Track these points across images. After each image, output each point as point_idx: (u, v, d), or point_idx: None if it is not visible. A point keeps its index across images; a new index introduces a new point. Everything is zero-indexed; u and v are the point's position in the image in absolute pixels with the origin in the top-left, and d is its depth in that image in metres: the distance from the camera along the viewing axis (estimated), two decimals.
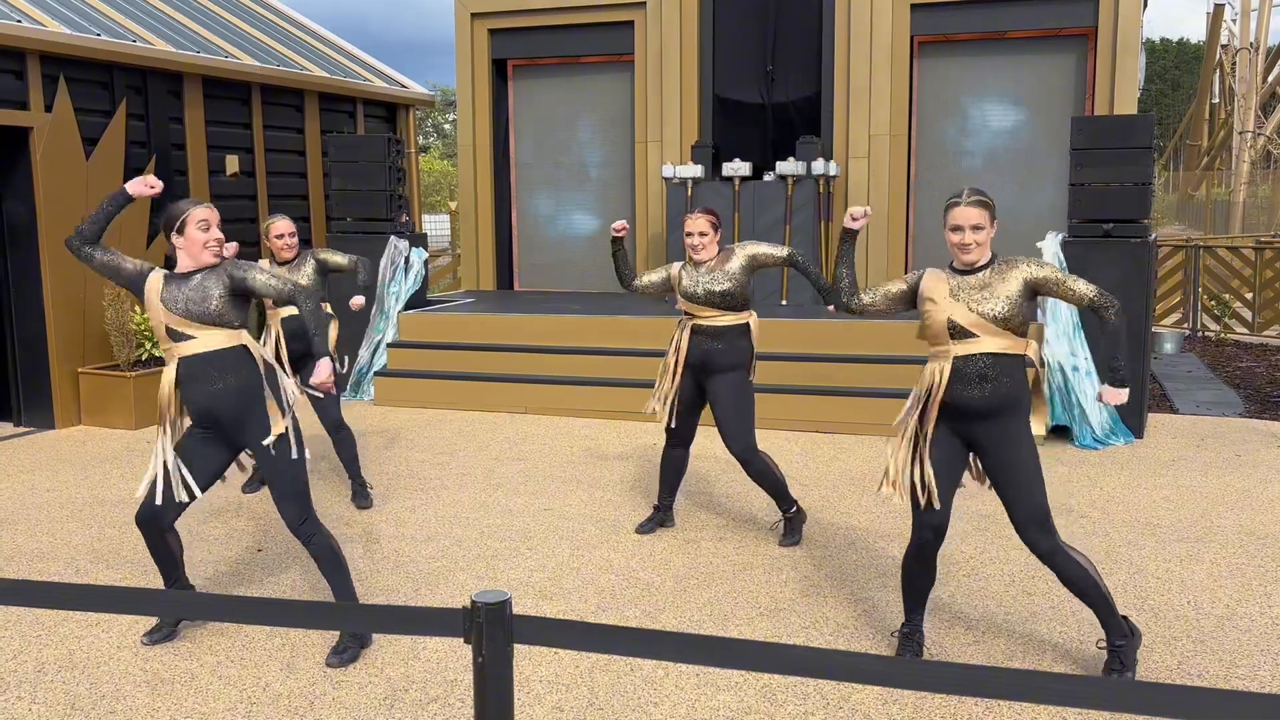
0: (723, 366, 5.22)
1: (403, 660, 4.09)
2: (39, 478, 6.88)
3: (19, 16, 8.00)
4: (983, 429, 3.79)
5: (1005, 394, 3.73)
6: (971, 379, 3.73)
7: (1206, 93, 38.94)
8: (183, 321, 3.99)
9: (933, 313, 3.79)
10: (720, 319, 5.21)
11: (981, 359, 3.72)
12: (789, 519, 5.43)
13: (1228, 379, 9.84)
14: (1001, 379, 3.72)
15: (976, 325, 3.71)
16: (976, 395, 3.73)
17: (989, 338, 3.71)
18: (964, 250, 3.74)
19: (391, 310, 9.50)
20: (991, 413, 3.75)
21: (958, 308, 3.73)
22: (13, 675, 4.01)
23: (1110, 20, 9.49)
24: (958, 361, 3.74)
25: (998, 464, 3.78)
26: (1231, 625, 4.36)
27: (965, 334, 3.73)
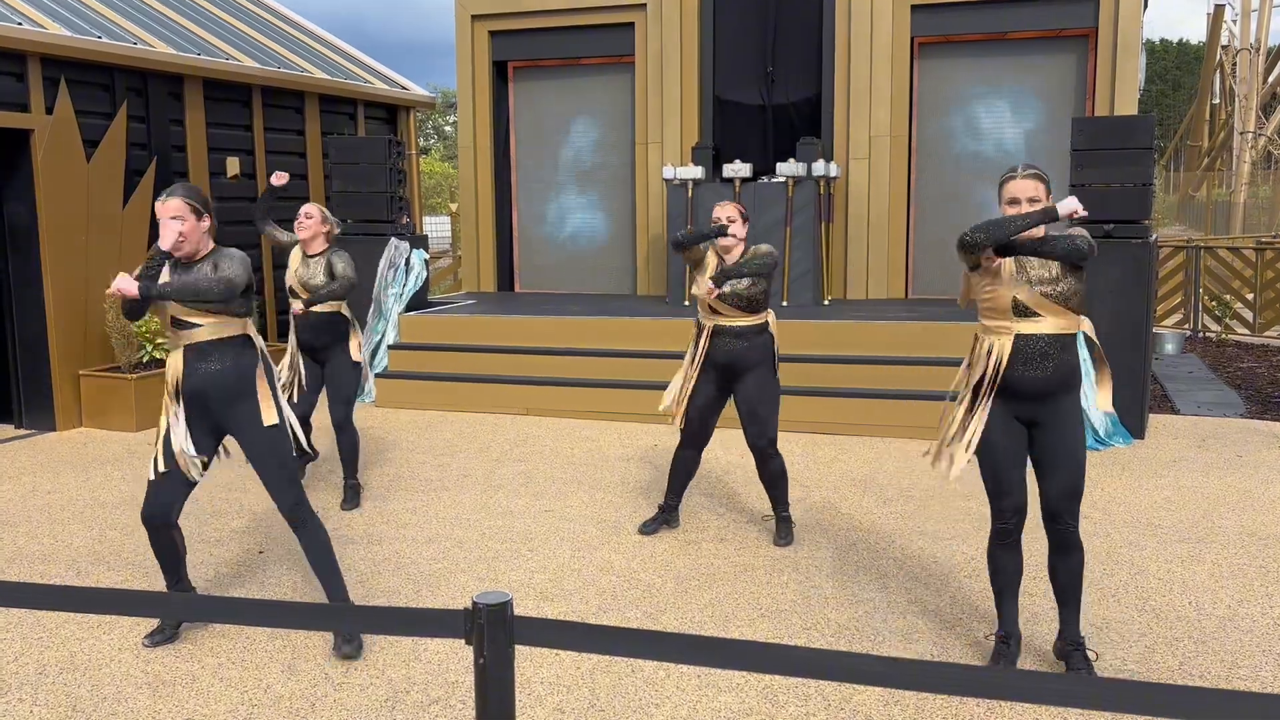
0: (750, 364, 5.30)
1: (404, 662, 4.09)
2: (40, 480, 6.89)
3: (20, 19, 8.00)
4: (1039, 409, 3.80)
5: (1064, 374, 3.75)
6: (1033, 358, 3.73)
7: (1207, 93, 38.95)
8: (187, 310, 4.05)
9: (997, 289, 3.77)
10: (742, 320, 5.28)
11: (1042, 339, 3.72)
12: (784, 519, 5.49)
13: (1229, 380, 9.83)
14: (1061, 357, 3.74)
15: (1039, 304, 3.71)
16: (1037, 374, 3.74)
17: (1051, 317, 3.72)
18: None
19: (392, 312, 9.51)
20: (1050, 392, 3.77)
21: (1021, 287, 3.73)
22: (14, 677, 4.01)
23: (1110, 21, 9.49)
24: (1020, 340, 3.74)
25: (1049, 443, 3.80)
26: (1233, 626, 4.35)
27: (1029, 313, 3.73)
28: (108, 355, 8.58)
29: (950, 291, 10.38)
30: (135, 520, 5.96)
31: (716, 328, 5.32)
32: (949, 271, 10.39)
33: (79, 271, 8.41)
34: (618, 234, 11.44)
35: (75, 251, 8.37)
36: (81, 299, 8.44)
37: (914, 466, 6.97)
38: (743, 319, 5.28)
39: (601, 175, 11.49)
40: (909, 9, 10.05)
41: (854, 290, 10.39)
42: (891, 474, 6.78)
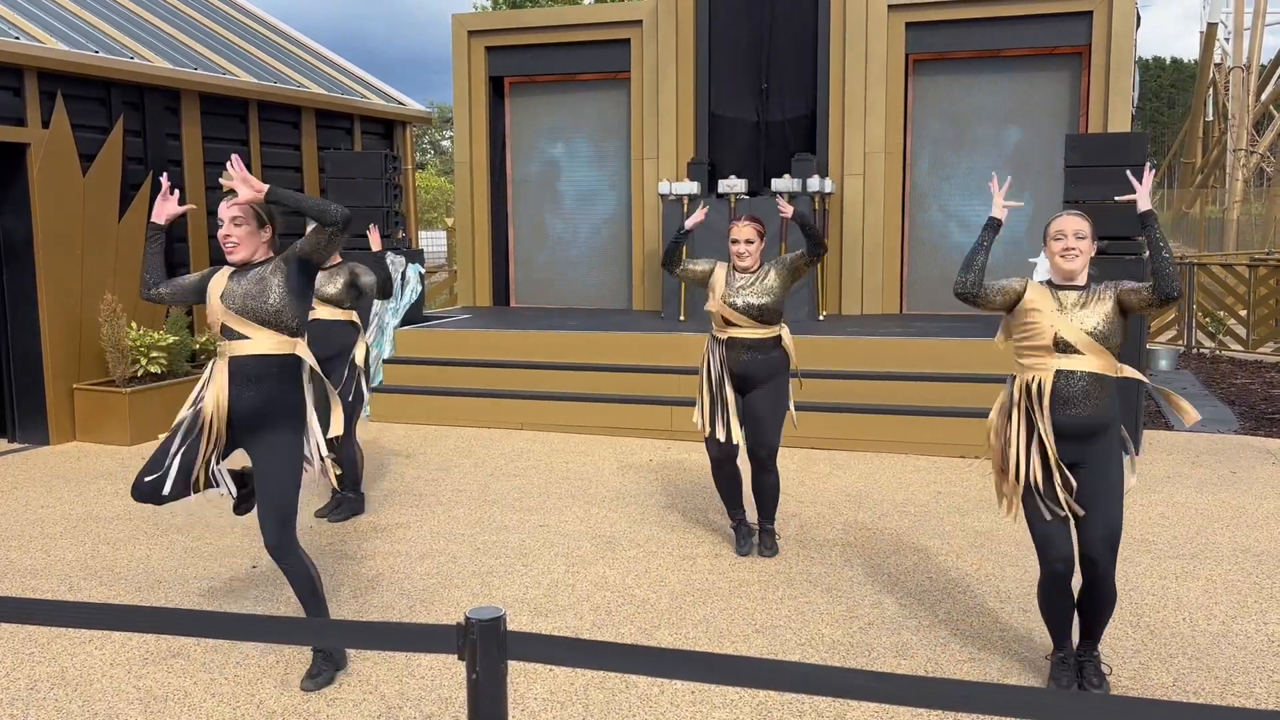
0: (763, 377, 5.33)
1: (397, 677, 4.07)
2: (33, 494, 6.86)
3: (17, 33, 8.02)
4: (1080, 449, 3.77)
5: (1103, 415, 3.73)
6: (1074, 398, 3.71)
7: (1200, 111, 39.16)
8: (238, 319, 3.85)
9: (1039, 324, 3.75)
10: (757, 331, 5.30)
11: (1083, 377, 3.70)
12: (769, 531, 5.53)
13: (1222, 396, 9.85)
14: (1101, 398, 3.72)
15: (1081, 342, 3.70)
16: (1077, 413, 3.71)
17: (1092, 356, 3.70)
18: (1067, 257, 3.73)
19: (388, 326, 9.50)
20: (1088, 434, 3.75)
21: (1064, 323, 3.72)
22: (5, 693, 3.99)
23: (1104, 39, 9.55)
24: (1059, 378, 3.71)
25: (1089, 484, 3.76)
26: (1227, 642, 4.35)
27: (1069, 349, 3.71)
28: (102, 369, 8.57)
29: (945, 307, 10.41)
30: (129, 534, 5.94)
31: (731, 339, 5.33)
32: (944, 287, 10.41)
33: (74, 285, 8.40)
34: (613, 249, 11.46)
35: (71, 265, 8.37)
36: (76, 313, 8.44)
37: (909, 482, 6.97)
38: (758, 330, 5.29)
39: (597, 190, 11.51)
40: (904, 26, 10.11)
41: (849, 305, 10.41)
42: (886, 489, 6.78)
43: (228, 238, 3.88)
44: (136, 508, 6.48)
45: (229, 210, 3.88)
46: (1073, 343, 3.70)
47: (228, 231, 3.87)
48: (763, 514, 5.54)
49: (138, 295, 8.91)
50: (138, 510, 6.42)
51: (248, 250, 3.91)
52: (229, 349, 3.88)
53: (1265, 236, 31.15)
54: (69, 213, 8.33)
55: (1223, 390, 10.15)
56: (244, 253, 3.90)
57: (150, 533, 5.96)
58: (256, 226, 3.92)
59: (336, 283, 6.15)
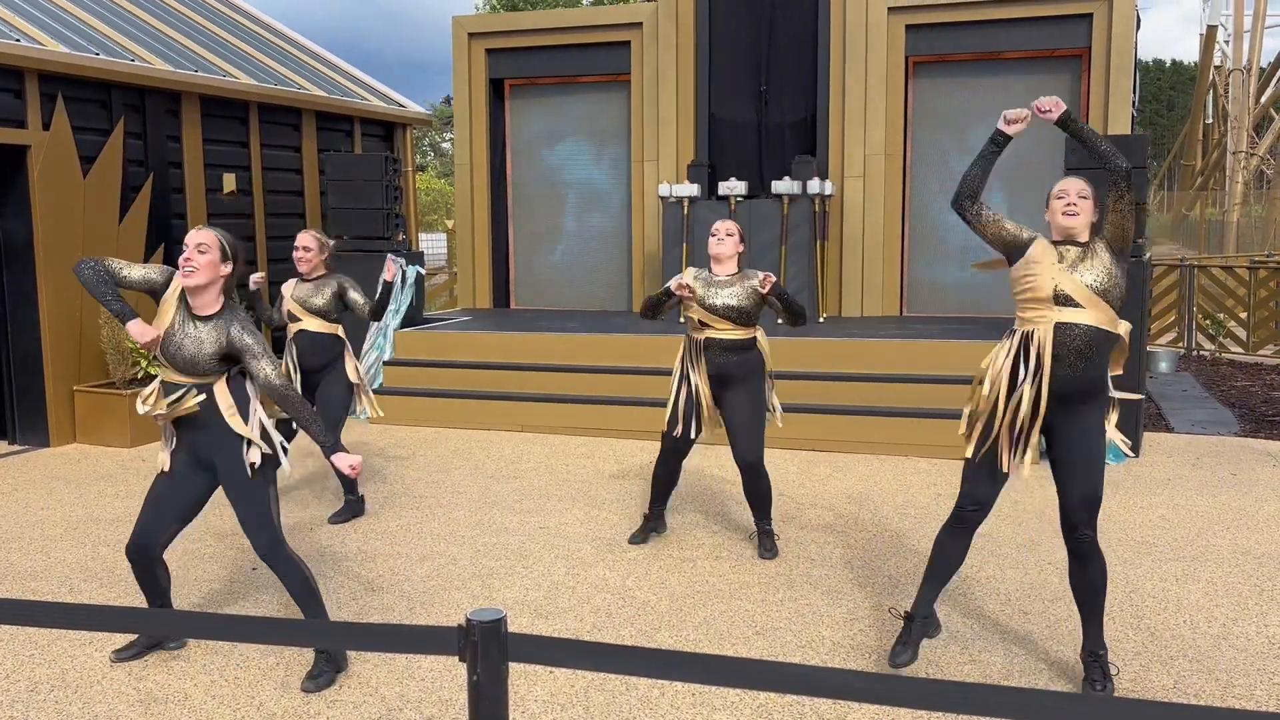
0: (738, 378, 5.36)
1: (397, 679, 4.07)
2: (33, 496, 6.86)
3: (17, 35, 8.02)
4: (1061, 411, 3.77)
5: (1093, 377, 3.74)
6: (1068, 354, 3.71)
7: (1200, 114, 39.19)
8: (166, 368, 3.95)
9: (1039, 276, 3.75)
10: (733, 332, 5.32)
11: (1081, 330, 3.69)
12: (767, 532, 5.54)
13: (1223, 398, 9.85)
14: (1096, 359, 3.72)
15: (1081, 295, 3.69)
16: (1069, 373, 3.72)
17: (1092, 310, 3.70)
18: (1069, 213, 3.75)
19: (388, 328, 9.51)
20: (1075, 394, 3.75)
21: (1064, 275, 3.72)
22: (5, 695, 3.99)
23: (1104, 41, 9.55)
24: (1059, 331, 3.71)
25: (1069, 447, 3.78)
26: (1228, 644, 4.35)
27: (1070, 302, 3.71)
28: (102, 371, 8.57)
29: (945, 310, 10.41)
30: (128, 537, 5.93)
31: (708, 340, 5.36)
32: (944, 289, 10.42)
33: (74, 287, 8.40)
34: (613, 251, 11.46)
35: (71, 267, 8.36)
36: (76, 315, 8.44)
37: (909, 484, 6.97)
38: (734, 331, 5.32)
39: (597, 192, 11.52)
40: (904, 28, 10.11)
41: (849, 308, 10.42)
42: (887, 491, 6.78)
43: (188, 261, 3.87)
44: (136, 509, 6.48)
45: (196, 236, 3.90)
46: (1073, 295, 3.70)
47: (190, 256, 3.88)
48: (760, 516, 5.55)
49: (138, 298, 8.91)
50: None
51: (204, 278, 3.89)
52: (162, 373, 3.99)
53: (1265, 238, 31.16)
54: (69, 215, 8.34)
55: (1223, 392, 10.15)
56: (199, 279, 3.88)
57: None
58: (219, 259, 3.93)
59: (324, 294, 6.12)
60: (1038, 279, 3.76)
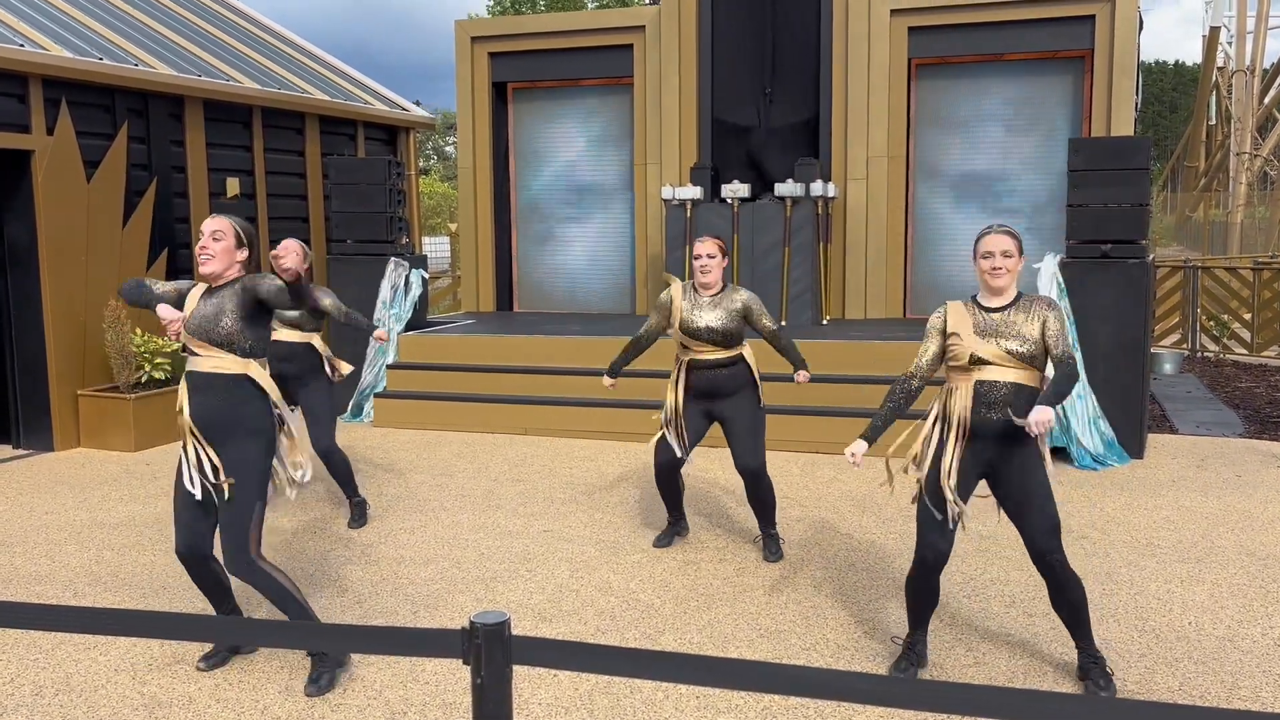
0: (731, 389, 5.36)
1: (401, 683, 4.07)
2: (38, 500, 6.87)
3: (21, 41, 8.04)
4: (1001, 453, 3.86)
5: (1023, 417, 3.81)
6: (994, 403, 3.81)
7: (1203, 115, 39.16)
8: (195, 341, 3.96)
9: (957, 346, 3.87)
10: (717, 353, 5.32)
11: (1003, 385, 3.80)
12: (772, 536, 5.55)
13: (1227, 399, 9.84)
14: (1019, 402, 3.81)
15: (1000, 359, 3.80)
16: (998, 418, 3.81)
17: (1012, 370, 3.80)
18: (994, 275, 3.83)
19: (392, 332, 9.51)
20: (1010, 436, 3.84)
21: (982, 344, 3.81)
22: (10, 699, 3.99)
23: (1106, 43, 9.55)
24: (980, 387, 3.82)
25: (1015, 488, 3.86)
26: (1233, 646, 4.34)
27: (988, 365, 3.82)
28: (106, 375, 8.58)
29: None
30: (133, 541, 5.94)
31: (693, 362, 5.36)
32: (947, 291, 10.41)
33: (78, 292, 8.42)
34: (617, 254, 11.47)
35: (75, 272, 8.39)
36: (81, 319, 8.45)
37: (913, 486, 6.96)
38: (718, 353, 5.32)
39: (600, 196, 11.52)
40: (906, 30, 10.12)
41: (852, 310, 10.41)
42: (890, 494, 6.77)
43: (204, 249, 3.96)
44: (141, 513, 6.49)
45: (211, 224, 3.97)
46: (992, 361, 3.80)
47: (205, 244, 3.96)
48: (763, 521, 5.54)
49: None
50: (142, 516, 6.43)
51: (220, 265, 3.97)
52: (189, 364, 4.01)
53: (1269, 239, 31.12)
54: (73, 219, 8.35)
55: (1227, 394, 10.14)
56: (216, 267, 3.97)
57: (154, 538, 5.97)
58: (234, 245, 4.00)
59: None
60: (957, 348, 3.87)
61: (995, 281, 3.83)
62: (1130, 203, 7.57)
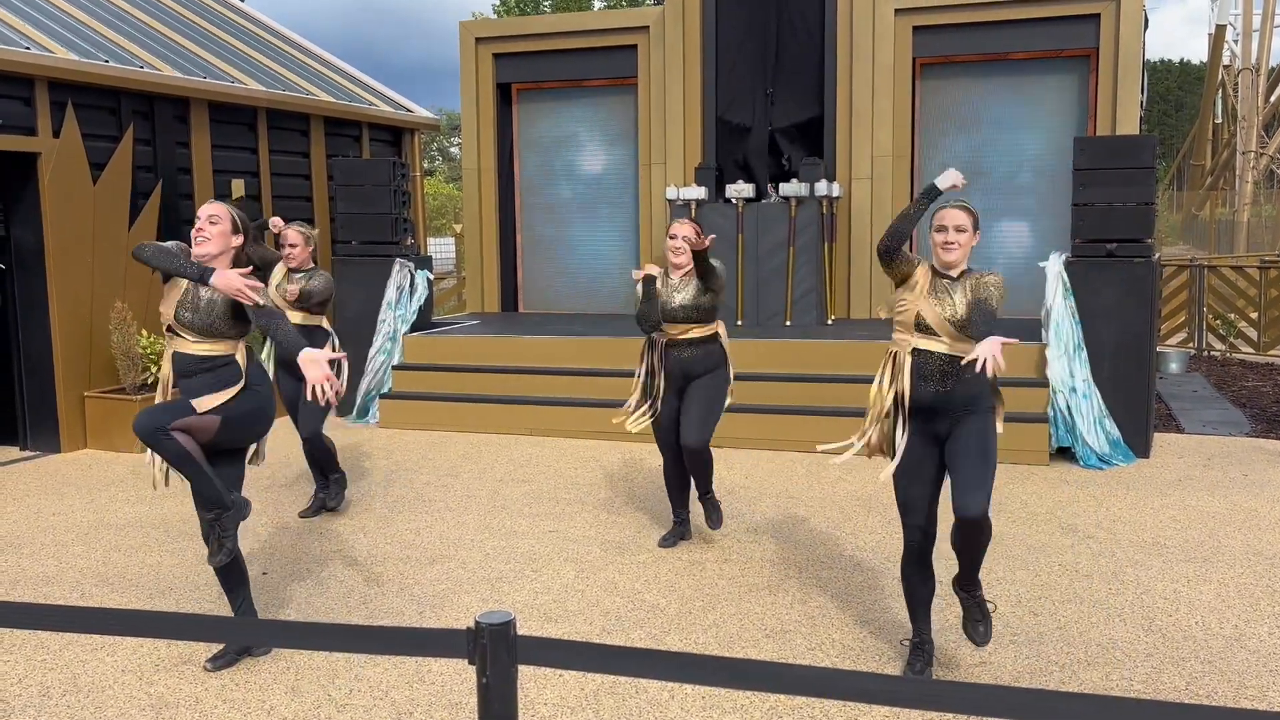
0: (702, 370, 5.45)
1: (407, 683, 4.08)
2: (45, 501, 6.89)
3: (27, 44, 8.07)
4: (943, 423, 3.89)
5: (964, 395, 3.83)
6: (932, 375, 3.83)
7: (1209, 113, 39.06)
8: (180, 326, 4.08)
9: (908, 303, 3.88)
10: (692, 332, 5.41)
11: (939, 358, 3.82)
12: (711, 501, 5.62)
13: (1234, 398, 9.82)
14: (959, 380, 3.82)
15: (940, 327, 3.81)
16: (937, 391, 3.83)
17: (949, 340, 3.81)
18: (946, 249, 3.85)
19: (397, 333, 9.52)
20: (948, 409, 3.86)
21: (928, 305, 3.83)
22: (17, 699, 4.00)
23: (1111, 41, 9.53)
24: (916, 356, 3.85)
25: (956, 444, 3.84)
26: (1240, 646, 4.33)
27: (928, 330, 3.84)
28: (113, 377, 8.59)
29: None
30: (139, 542, 5.95)
31: (670, 341, 5.44)
32: None
33: (85, 293, 8.44)
34: (621, 254, 11.47)
35: (81, 273, 8.41)
36: (87, 321, 8.47)
37: None
38: (695, 329, 5.41)
39: (605, 196, 11.53)
40: (910, 30, 10.11)
41: (857, 310, 10.40)
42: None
43: (200, 231, 4.08)
44: (147, 514, 6.50)
45: (209, 209, 4.11)
46: (932, 325, 3.81)
47: (202, 227, 4.09)
48: (701, 489, 5.61)
49: (148, 303, 8.95)
50: (148, 517, 6.44)
51: (215, 248, 4.09)
52: (173, 344, 4.13)
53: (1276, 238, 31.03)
54: (79, 221, 8.37)
55: (1234, 393, 10.11)
56: (211, 249, 4.08)
57: (161, 539, 5.98)
58: (230, 230, 4.12)
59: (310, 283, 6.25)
60: (906, 303, 3.89)
61: (946, 255, 3.84)
62: (1136, 201, 7.56)
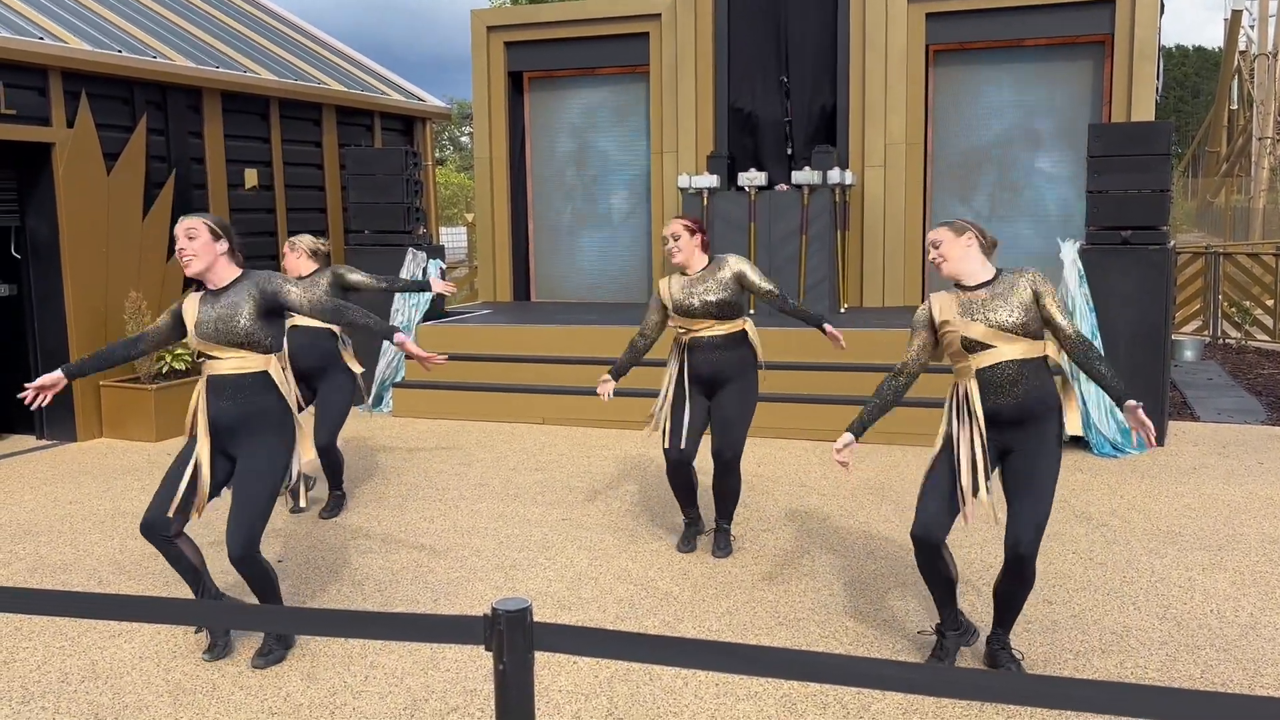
0: (732, 374, 5.20)
1: (422, 670, 4.10)
2: (62, 490, 6.94)
3: (41, 34, 8.09)
4: (1016, 435, 3.83)
5: (1036, 398, 3.78)
6: (1001, 386, 3.78)
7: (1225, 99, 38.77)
8: (212, 346, 4.00)
9: (949, 333, 3.86)
10: (718, 328, 5.16)
11: (1005, 366, 3.77)
12: (725, 531, 5.40)
13: (1249, 386, 9.77)
14: (1030, 382, 3.77)
15: (993, 337, 3.77)
16: (1008, 402, 3.78)
17: (1006, 345, 3.77)
18: (939, 267, 3.91)
19: (411, 322, 9.54)
20: (1025, 418, 3.80)
21: (972, 325, 3.80)
22: (37, 685, 4.04)
23: (1127, 27, 9.46)
24: (982, 373, 3.80)
25: (1022, 469, 3.82)
26: (1255, 634, 4.32)
27: (983, 346, 3.79)
28: (128, 366, 8.64)
29: None
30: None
31: (694, 340, 5.20)
32: None
33: (99, 283, 8.48)
34: (633, 243, 11.46)
35: (96, 263, 8.45)
36: (102, 310, 8.51)
37: None
38: (718, 326, 5.16)
39: (617, 184, 11.51)
40: (924, 16, 10.05)
41: (870, 298, 10.38)
42: (908, 481, 6.76)
43: (183, 251, 4.02)
44: None
45: (182, 225, 4.04)
46: (984, 340, 3.78)
47: (182, 246, 4.02)
48: (721, 513, 5.39)
49: (161, 293, 8.99)
50: None
51: (203, 263, 4.03)
52: (207, 368, 4.05)
53: None
54: (94, 211, 8.41)
55: (1249, 380, 10.06)
56: (199, 265, 4.03)
57: None
58: (211, 239, 4.05)
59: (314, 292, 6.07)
60: (949, 335, 3.87)
61: (941, 273, 3.90)
62: (1151, 188, 7.51)
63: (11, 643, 4.42)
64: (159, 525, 4.05)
